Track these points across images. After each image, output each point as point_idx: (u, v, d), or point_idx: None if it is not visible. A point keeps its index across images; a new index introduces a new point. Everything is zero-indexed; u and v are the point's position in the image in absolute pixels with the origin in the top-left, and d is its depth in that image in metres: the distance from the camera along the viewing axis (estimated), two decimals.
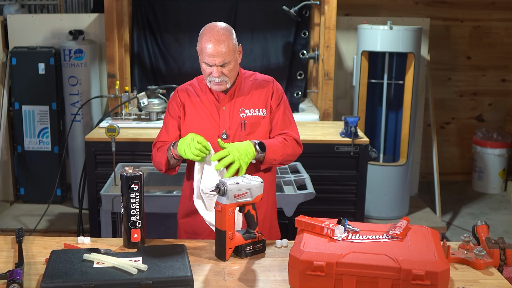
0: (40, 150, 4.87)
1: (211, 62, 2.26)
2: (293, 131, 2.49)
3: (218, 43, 2.24)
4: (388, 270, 1.67)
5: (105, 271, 1.74)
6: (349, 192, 3.77)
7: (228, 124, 2.39)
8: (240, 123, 2.38)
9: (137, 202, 2.00)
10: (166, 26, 4.76)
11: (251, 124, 2.39)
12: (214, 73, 2.28)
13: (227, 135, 2.38)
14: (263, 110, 2.43)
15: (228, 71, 2.30)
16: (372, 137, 4.84)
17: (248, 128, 2.39)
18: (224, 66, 2.28)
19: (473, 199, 5.55)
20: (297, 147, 2.47)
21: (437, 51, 5.64)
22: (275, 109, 2.45)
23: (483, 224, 2.09)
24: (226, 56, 2.26)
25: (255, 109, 2.42)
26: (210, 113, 2.40)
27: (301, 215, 1.97)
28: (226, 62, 2.27)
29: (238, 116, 2.39)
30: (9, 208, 4.93)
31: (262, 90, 2.45)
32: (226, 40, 2.26)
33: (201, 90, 2.44)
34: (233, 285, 1.80)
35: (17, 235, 2.09)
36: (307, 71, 4.88)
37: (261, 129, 2.41)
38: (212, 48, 2.24)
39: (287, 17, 4.61)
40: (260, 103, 2.43)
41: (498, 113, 5.97)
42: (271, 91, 2.46)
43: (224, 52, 2.25)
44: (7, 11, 5.91)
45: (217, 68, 2.27)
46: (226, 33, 2.28)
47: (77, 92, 4.79)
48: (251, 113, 2.41)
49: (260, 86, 2.46)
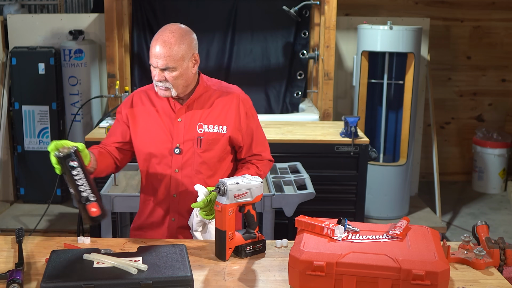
0: (40, 150, 4.87)
1: (154, 64, 2.11)
2: (266, 150, 2.34)
3: (164, 45, 2.07)
4: (388, 270, 1.67)
5: (105, 271, 1.74)
6: (349, 192, 3.77)
7: (182, 138, 2.21)
8: (196, 139, 2.20)
9: (83, 177, 1.89)
10: None
11: (208, 141, 2.20)
12: (156, 76, 2.12)
13: (180, 149, 2.20)
14: (224, 127, 2.21)
15: (172, 77, 2.11)
16: (372, 137, 4.84)
17: (204, 146, 2.20)
18: (167, 71, 2.10)
19: (473, 199, 5.55)
20: (268, 168, 2.36)
21: (437, 51, 5.64)
22: (245, 126, 2.25)
23: (483, 224, 2.09)
24: (170, 61, 2.08)
25: (214, 125, 2.21)
26: (164, 123, 2.22)
27: (301, 215, 1.97)
28: (170, 68, 2.09)
29: (195, 130, 2.20)
30: (9, 208, 4.93)
31: (226, 104, 2.23)
32: (175, 43, 2.08)
33: (157, 96, 2.25)
34: (233, 285, 1.80)
35: (17, 235, 2.09)
36: (307, 71, 4.88)
37: (218, 147, 2.22)
38: (156, 50, 2.08)
39: (287, 17, 4.61)
40: (221, 118, 2.22)
41: (498, 113, 5.96)
42: (236, 105, 2.24)
43: (167, 56, 2.07)
44: (7, 11, 5.91)
45: (159, 71, 2.10)
46: (178, 36, 2.09)
47: (77, 92, 4.79)
48: (209, 129, 2.21)
49: (224, 99, 2.24)
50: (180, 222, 2.28)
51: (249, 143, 2.29)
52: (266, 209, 2.99)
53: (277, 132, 3.85)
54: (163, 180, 2.26)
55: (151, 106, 2.26)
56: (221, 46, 4.77)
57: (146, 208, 2.33)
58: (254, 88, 4.85)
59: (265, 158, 2.34)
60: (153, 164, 2.26)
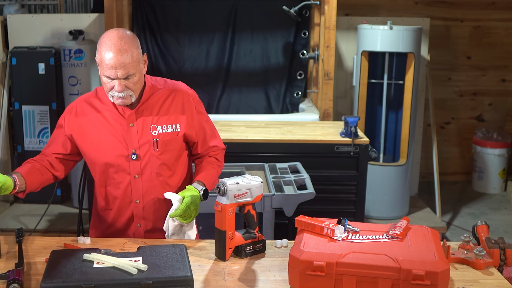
0: (40, 150, 4.82)
1: (113, 75, 2.00)
2: (219, 140, 2.34)
3: (120, 53, 1.98)
4: (388, 270, 1.67)
5: (105, 271, 1.74)
6: (349, 192, 3.77)
7: (137, 143, 2.15)
8: (152, 142, 2.15)
9: None
10: (166, 26, 4.76)
11: (164, 142, 2.16)
12: (117, 87, 2.02)
13: (137, 155, 2.15)
14: (177, 125, 2.19)
15: (133, 84, 2.04)
16: (372, 137, 4.84)
17: (161, 147, 2.16)
18: (128, 79, 2.03)
19: (473, 199, 5.55)
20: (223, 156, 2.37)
21: (437, 51, 5.64)
22: (197, 122, 2.24)
23: (483, 224, 2.09)
24: (130, 68, 2.01)
25: (167, 125, 2.17)
26: (116, 131, 2.15)
27: (301, 215, 1.97)
28: (130, 74, 2.02)
29: (149, 133, 2.15)
30: (9, 208, 4.93)
31: (175, 102, 2.20)
32: (129, 49, 2.01)
33: (102, 104, 2.17)
34: (233, 285, 1.80)
35: (17, 235, 2.09)
36: (307, 71, 4.88)
37: (175, 146, 2.20)
38: (113, 59, 1.98)
39: (287, 17, 4.61)
40: (173, 117, 2.18)
41: (498, 113, 5.96)
42: (185, 102, 2.21)
43: (127, 63, 1.99)
44: (7, 11, 5.91)
45: (120, 81, 2.01)
46: (128, 41, 2.02)
47: (77, 92, 4.79)
48: (163, 130, 2.17)
49: (174, 97, 2.20)
50: (146, 226, 2.26)
51: (203, 137, 2.28)
52: (266, 209, 2.99)
53: (277, 132, 3.85)
54: (123, 188, 2.21)
55: (97, 114, 2.17)
56: (221, 46, 4.77)
57: (106, 217, 2.27)
58: (254, 88, 4.85)
59: (220, 148, 2.35)
60: (110, 173, 2.20)
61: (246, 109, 4.83)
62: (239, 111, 4.82)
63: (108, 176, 2.21)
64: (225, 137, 3.69)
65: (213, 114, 4.66)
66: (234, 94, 4.83)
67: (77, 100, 2.24)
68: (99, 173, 2.22)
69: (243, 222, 2.09)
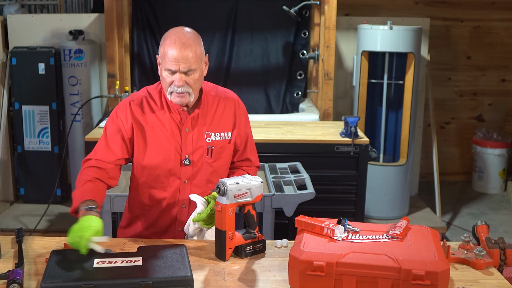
0: (40, 150, 4.87)
1: (175, 68, 2.00)
2: (256, 156, 2.32)
3: (184, 47, 1.99)
4: (388, 270, 1.67)
5: (105, 271, 1.74)
6: (349, 192, 3.77)
7: (191, 148, 2.14)
8: (205, 149, 2.15)
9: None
10: (166, 26, 4.72)
11: (218, 150, 2.17)
12: (177, 81, 2.02)
13: (189, 160, 2.14)
14: (229, 133, 2.19)
15: (193, 81, 2.04)
16: (372, 137, 4.84)
17: (214, 155, 2.16)
18: (188, 74, 2.02)
19: (473, 199, 5.55)
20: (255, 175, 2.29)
21: (437, 51, 5.64)
22: (243, 131, 2.23)
23: (483, 224, 2.09)
24: (192, 63, 2.00)
25: (221, 133, 2.17)
26: (172, 134, 2.13)
27: (301, 215, 1.97)
28: (192, 70, 2.01)
29: (204, 140, 2.15)
30: (9, 208, 4.93)
31: (228, 110, 2.20)
32: (194, 44, 2.02)
33: (157, 105, 2.14)
34: (233, 285, 1.80)
35: (17, 235, 2.09)
36: (307, 71, 4.88)
37: (225, 155, 2.19)
38: (177, 52, 1.98)
39: (287, 17, 4.61)
40: (227, 125, 2.18)
41: (498, 113, 5.97)
42: (237, 112, 2.22)
43: (190, 57, 1.99)
44: (7, 11, 5.91)
45: (181, 75, 2.01)
46: (193, 37, 2.03)
47: (77, 92, 4.79)
48: (217, 137, 2.17)
49: (226, 105, 2.20)
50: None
51: (243, 147, 2.28)
52: (266, 209, 2.99)
53: (277, 132, 3.85)
54: (171, 191, 2.19)
55: (152, 115, 2.13)
56: (221, 46, 4.77)
57: (148, 218, 2.24)
58: (254, 88, 4.85)
59: (254, 165, 2.32)
60: (160, 176, 2.17)
61: (246, 109, 4.83)
62: None
63: (157, 179, 2.17)
64: None
65: None
66: None
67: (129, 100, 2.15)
68: (147, 175, 2.18)
69: (243, 222, 2.09)
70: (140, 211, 2.26)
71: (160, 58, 2.06)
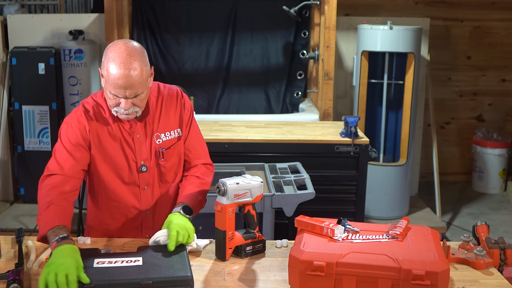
0: (40, 150, 4.87)
1: (121, 95, 1.88)
2: (205, 154, 2.21)
3: (129, 73, 1.85)
4: (388, 270, 1.67)
5: (105, 271, 1.74)
6: (349, 192, 3.77)
7: (145, 154, 2.07)
8: (157, 152, 2.08)
9: None
10: (166, 26, 4.76)
11: (169, 150, 2.10)
12: (124, 105, 1.91)
13: (146, 167, 2.08)
14: (178, 130, 2.12)
15: (140, 101, 1.94)
16: (372, 137, 4.84)
17: (166, 155, 2.09)
18: (135, 97, 1.91)
19: (473, 199, 5.55)
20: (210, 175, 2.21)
21: (437, 51, 5.64)
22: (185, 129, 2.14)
23: (483, 224, 2.09)
24: (139, 88, 1.89)
25: (170, 131, 2.10)
26: (125, 143, 2.05)
27: (301, 215, 1.97)
28: (139, 94, 1.91)
29: (154, 143, 2.07)
30: (9, 208, 4.93)
31: (173, 106, 2.11)
32: (139, 67, 1.87)
33: (105, 113, 2.03)
34: (233, 285, 1.80)
35: (17, 235, 2.10)
36: (307, 71, 4.88)
37: (178, 150, 2.12)
38: (122, 80, 1.85)
39: (287, 17, 4.61)
40: (174, 123, 2.11)
41: (498, 113, 5.97)
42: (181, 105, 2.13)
43: (136, 84, 1.87)
44: (7, 11, 5.91)
45: (127, 100, 1.90)
46: (138, 58, 1.88)
47: (77, 92, 4.79)
48: (167, 137, 2.09)
49: (170, 101, 2.11)
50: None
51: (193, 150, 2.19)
52: (266, 209, 2.99)
53: (277, 132, 3.85)
54: (132, 200, 2.14)
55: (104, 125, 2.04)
56: (221, 46, 4.77)
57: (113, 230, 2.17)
58: (254, 88, 4.85)
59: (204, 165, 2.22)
60: (119, 185, 2.11)
61: (246, 109, 4.83)
62: (239, 111, 4.82)
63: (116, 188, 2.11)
64: (225, 137, 3.70)
65: (213, 114, 4.67)
66: (234, 94, 4.83)
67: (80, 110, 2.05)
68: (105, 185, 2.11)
69: (243, 222, 2.09)
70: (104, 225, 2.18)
71: (103, 77, 1.91)
